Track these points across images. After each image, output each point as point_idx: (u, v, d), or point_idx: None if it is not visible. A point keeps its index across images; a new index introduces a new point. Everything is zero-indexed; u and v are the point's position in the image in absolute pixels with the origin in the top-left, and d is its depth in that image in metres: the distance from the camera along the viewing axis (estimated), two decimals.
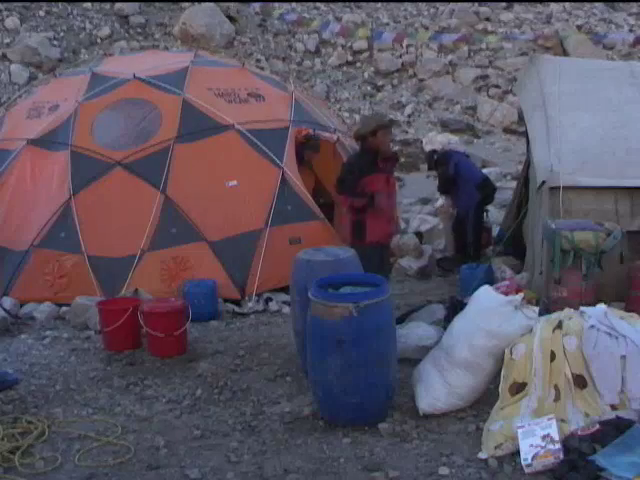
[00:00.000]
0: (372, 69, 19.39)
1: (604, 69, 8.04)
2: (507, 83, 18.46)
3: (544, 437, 4.03)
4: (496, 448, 4.18)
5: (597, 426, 4.06)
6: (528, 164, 7.91)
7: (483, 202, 8.59)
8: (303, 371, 5.28)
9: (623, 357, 4.27)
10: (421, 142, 16.45)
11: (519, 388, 4.37)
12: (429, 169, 9.79)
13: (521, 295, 4.80)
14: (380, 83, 19.11)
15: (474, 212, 8.43)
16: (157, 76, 8.08)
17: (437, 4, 21.78)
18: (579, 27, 20.78)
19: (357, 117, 17.77)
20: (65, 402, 5.14)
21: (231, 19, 19.61)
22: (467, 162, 8.96)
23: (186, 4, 19.55)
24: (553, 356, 4.32)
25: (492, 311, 4.65)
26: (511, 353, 4.47)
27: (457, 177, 8.56)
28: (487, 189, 8.64)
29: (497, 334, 4.56)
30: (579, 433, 4.07)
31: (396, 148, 16.43)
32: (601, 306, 4.55)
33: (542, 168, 6.36)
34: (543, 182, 6.31)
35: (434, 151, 9.41)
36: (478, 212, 8.51)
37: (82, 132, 7.72)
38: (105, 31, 18.53)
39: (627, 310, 5.09)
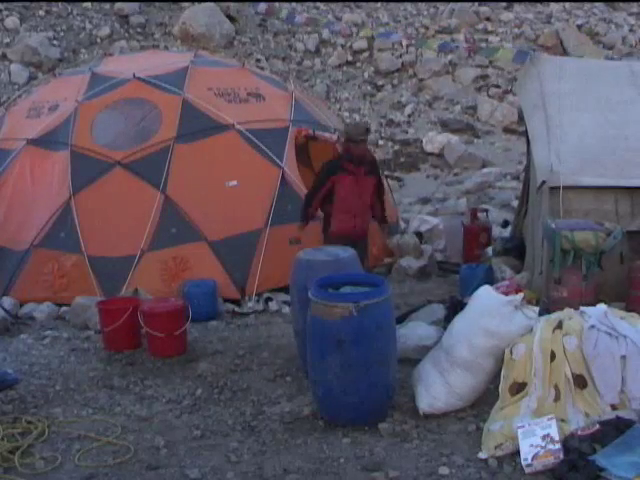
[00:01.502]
0: (372, 69, 19.37)
1: (604, 69, 8.04)
2: (507, 83, 18.44)
3: (544, 437, 4.03)
4: (496, 448, 4.18)
5: (597, 426, 4.06)
6: (529, 164, 7.90)
7: None
8: (303, 371, 5.29)
9: (623, 357, 4.27)
10: (421, 142, 16.44)
11: (519, 388, 4.37)
12: None
13: (521, 295, 4.80)
14: (380, 83, 19.09)
15: None
16: (157, 76, 8.08)
17: (437, 4, 21.75)
18: (579, 27, 20.77)
19: (357, 117, 17.77)
20: (65, 402, 5.14)
21: (231, 19, 19.58)
22: None
23: (186, 4, 19.53)
24: (553, 356, 4.32)
25: (492, 311, 4.64)
26: (511, 353, 4.47)
27: None
28: None
29: (497, 334, 4.56)
30: (579, 433, 4.07)
31: (396, 148, 16.45)
32: (601, 306, 4.55)
33: (542, 168, 6.36)
34: (543, 182, 6.31)
35: None
36: None
37: (82, 132, 7.72)
38: (105, 31, 18.51)
39: (627, 310, 5.09)
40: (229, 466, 4.21)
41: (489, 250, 8.39)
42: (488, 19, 21.35)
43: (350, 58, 19.70)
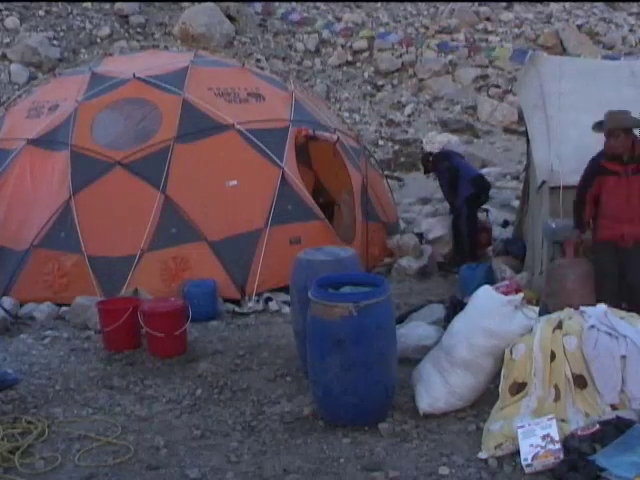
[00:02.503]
0: (372, 69, 19.36)
1: (604, 69, 8.03)
2: (507, 83, 18.43)
3: (544, 437, 4.03)
4: (496, 448, 4.18)
5: (597, 426, 4.06)
6: (529, 164, 7.90)
7: (476, 197, 8.52)
8: (303, 371, 5.29)
9: (623, 357, 4.27)
10: (421, 142, 16.40)
11: (519, 388, 4.37)
12: (425, 172, 9.42)
13: (521, 295, 4.80)
14: (380, 83, 19.07)
15: (467, 206, 8.34)
16: (157, 76, 8.08)
17: (437, 4, 21.73)
18: (579, 27, 20.76)
19: (357, 117, 17.77)
20: (65, 402, 5.14)
21: (231, 19, 19.56)
22: (462, 160, 8.92)
23: (186, 4, 19.51)
24: (553, 356, 4.32)
25: (492, 311, 4.64)
26: (511, 353, 4.47)
27: (455, 174, 8.47)
28: (481, 184, 8.57)
29: (497, 334, 4.56)
30: (579, 433, 4.07)
31: (396, 148, 16.43)
32: (601, 306, 4.55)
33: (542, 168, 6.36)
34: (543, 182, 6.31)
35: (429, 154, 8.98)
36: (471, 206, 8.39)
37: (82, 132, 7.72)
38: (105, 31, 18.50)
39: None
40: (229, 466, 4.22)
41: (489, 250, 8.40)
42: (488, 19, 21.34)
43: (350, 58, 19.68)
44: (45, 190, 7.60)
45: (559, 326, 4.41)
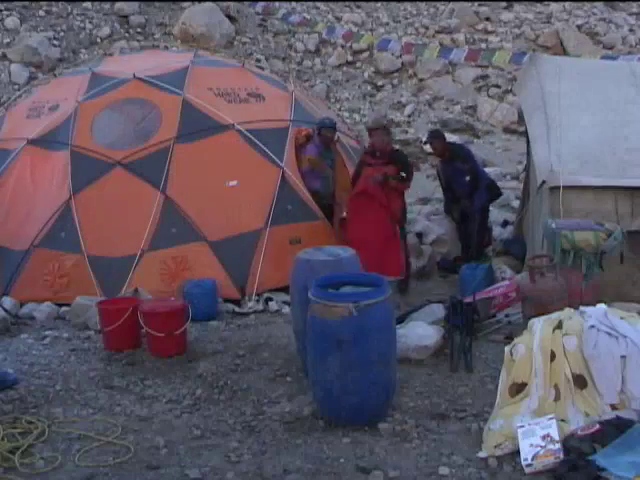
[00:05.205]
0: (372, 69, 19.35)
1: (604, 69, 8.04)
2: (507, 83, 18.42)
3: (544, 437, 4.03)
4: (496, 447, 4.17)
5: (597, 426, 4.06)
6: (529, 164, 7.90)
7: (489, 203, 8.50)
8: (303, 371, 5.29)
9: (623, 357, 4.26)
10: (421, 142, 16.43)
11: (519, 389, 4.36)
12: (438, 155, 8.62)
13: None
14: (380, 83, 19.07)
15: (480, 212, 8.33)
16: (157, 76, 8.08)
17: (437, 4, 21.72)
18: (579, 27, 20.75)
19: (357, 117, 17.76)
20: (65, 402, 5.14)
21: (231, 19, 19.55)
22: (477, 162, 8.75)
23: (186, 4, 19.51)
24: (553, 356, 4.32)
25: None
26: (511, 354, 4.47)
27: (475, 177, 8.25)
28: (495, 191, 8.53)
29: None
30: (579, 433, 4.06)
31: (396, 148, 16.42)
32: (601, 306, 4.55)
33: (542, 168, 6.36)
34: (543, 182, 6.32)
35: (444, 140, 8.52)
36: (485, 213, 8.39)
37: (82, 132, 7.73)
38: (105, 31, 18.48)
39: None
40: (229, 466, 4.21)
41: (489, 250, 8.39)
42: (488, 19, 21.32)
43: (350, 58, 19.67)
44: (45, 190, 7.60)
45: (559, 326, 4.41)
